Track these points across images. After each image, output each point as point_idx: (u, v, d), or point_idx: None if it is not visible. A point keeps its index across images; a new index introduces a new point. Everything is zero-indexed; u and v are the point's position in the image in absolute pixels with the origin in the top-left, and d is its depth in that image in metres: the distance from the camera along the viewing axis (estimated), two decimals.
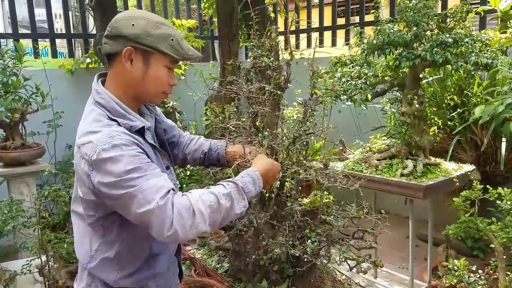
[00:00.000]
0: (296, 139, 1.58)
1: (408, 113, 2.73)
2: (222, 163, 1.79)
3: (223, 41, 4.15)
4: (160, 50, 1.39)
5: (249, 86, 1.72)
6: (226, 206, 1.32)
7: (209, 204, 1.29)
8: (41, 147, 3.71)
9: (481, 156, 3.41)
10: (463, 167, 2.87)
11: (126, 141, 1.32)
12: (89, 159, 1.31)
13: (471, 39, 2.48)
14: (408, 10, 2.67)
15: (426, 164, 2.77)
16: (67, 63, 4.86)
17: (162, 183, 1.29)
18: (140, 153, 1.33)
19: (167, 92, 1.51)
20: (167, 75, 1.46)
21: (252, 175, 1.44)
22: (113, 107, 1.42)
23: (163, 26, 1.41)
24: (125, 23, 1.40)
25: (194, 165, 1.91)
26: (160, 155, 1.54)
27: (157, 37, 1.38)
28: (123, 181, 1.27)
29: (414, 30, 2.56)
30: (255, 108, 1.66)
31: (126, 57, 1.40)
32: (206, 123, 3.93)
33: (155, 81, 1.44)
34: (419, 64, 2.58)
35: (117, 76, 1.44)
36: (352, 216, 1.46)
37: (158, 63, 1.41)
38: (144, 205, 1.25)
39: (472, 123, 3.30)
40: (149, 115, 1.61)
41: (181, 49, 1.42)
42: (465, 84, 3.34)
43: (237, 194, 1.36)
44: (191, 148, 1.84)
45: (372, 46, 2.67)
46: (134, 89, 1.45)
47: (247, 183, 1.41)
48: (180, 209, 1.25)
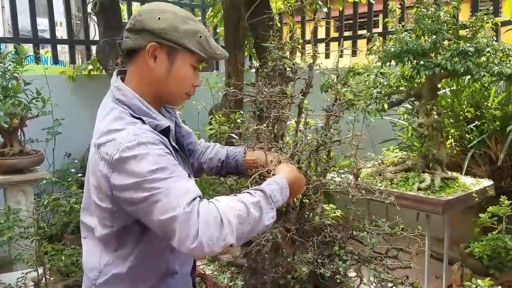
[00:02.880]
0: (320, 147, 1.46)
1: (426, 124, 2.63)
2: (240, 171, 1.66)
3: (230, 50, 4.05)
4: (188, 48, 1.29)
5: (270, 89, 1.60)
6: (255, 216, 1.18)
7: (238, 213, 1.15)
8: (40, 154, 3.57)
9: (496, 171, 3.31)
10: (482, 182, 2.76)
11: (153, 139, 1.21)
12: (110, 159, 1.19)
13: (492, 49, 2.39)
14: (426, 18, 2.58)
15: (444, 178, 2.66)
16: (68, 70, 4.75)
17: (190, 187, 1.16)
18: (167, 153, 1.22)
19: (190, 94, 1.40)
20: (192, 75, 1.35)
21: (280, 183, 1.30)
22: (136, 105, 1.30)
23: (191, 22, 1.31)
24: (150, 16, 1.29)
25: (210, 175, 1.78)
26: (182, 160, 1.42)
27: (185, 33, 1.28)
28: (147, 182, 1.14)
29: (433, 38, 2.47)
30: (276, 113, 1.54)
31: (150, 53, 1.29)
32: (211, 132, 3.80)
33: (179, 81, 1.33)
34: (437, 74, 2.49)
35: (139, 73, 1.34)
36: (386, 232, 1.33)
37: (184, 61, 1.31)
38: (168, 211, 1.11)
39: (487, 137, 3.21)
40: (169, 118, 1.49)
41: (209, 48, 1.32)
42: (480, 96, 3.24)
43: (266, 203, 1.22)
44: (207, 156, 1.71)
45: (389, 54, 2.57)
46: (156, 88, 1.34)
47: (275, 191, 1.27)
48: (207, 218, 1.11)
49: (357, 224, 1.34)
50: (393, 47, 2.55)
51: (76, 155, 4.52)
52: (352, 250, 1.32)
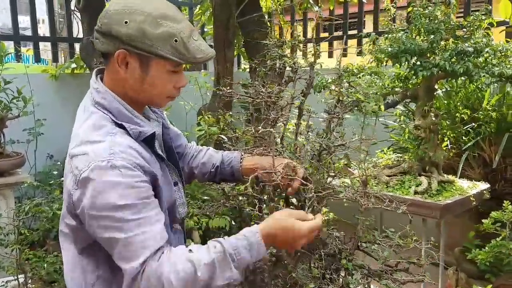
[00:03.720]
0: (322, 152, 1.37)
1: (422, 126, 2.56)
2: (237, 178, 1.54)
3: (219, 48, 3.95)
4: (160, 55, 1.14)
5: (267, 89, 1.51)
6: (204, 278, 1.06)
7: (182, 275, 1.05)
8: (21, 156, 3.42)
9: (490, 174, 3.27)
10: (478, 185, 2.70)
11: (129, 163, 1.08)
12: (78, 174, 1.08)
13: (491, 49, 2.33)
14: (423, 17, 2.51)
15: (440, 181, 2.59)
16: (50, 68, 4.60)
17: (150, 242, 1.06)
18: (141, 183, 1.09)
19: (173, 96, 1.27)
20: (172, 79, 1.22)
21: (250, 238, 1.11)
22: (118, 109, 1.18)
23: (166, 22, 1.14)
24: (117, 19, 1.13)
25: (203, 181, 1.67)
26: (168, 169, 1.31)
27: (157, 39, 1.12)
28: (108, 219, 1.05)
29: (431, 38, 2.40)
30: (275, 114, 1.45)
31: (120, 61, 1.16)
32: (200, 133, 3.70)
33: (156, 88, 1.20)
34: (435, 75, 2.42)
35: (114, 78, 1.21)
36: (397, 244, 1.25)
37: (159, 68, 1.18)
38: (121, 260, 1.07)
39: (481, 139, 3.16)
40: (155, 120, 1.36)
41: (186, 52, 1.16)
42: (474, 98, 3.20)
43: (223, 262, 1.08)
44: (199, 160, 1.58)
45: (386, 54, 2.50)
46: (133, 93, 1.22)
47: (240, 249, 1.09)
48: (150, 278, 1.05)
49: (365, 235, 1.26)
50: (390, 47, 2.48)
51: (59, 157, 4.36)
52: (362, 264, 1.23)
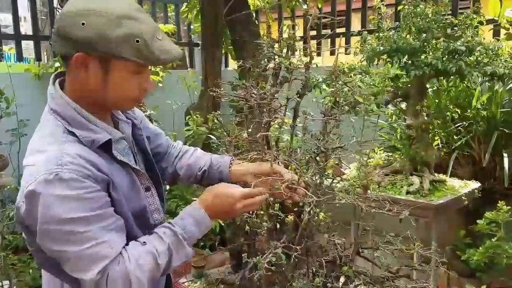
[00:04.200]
0: (319, 155, 1.33)
1: (414, 126, 2.55)
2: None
3: (207, 47, 3.90)
4: (121, 57, 1.09)
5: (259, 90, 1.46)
6: (164, 262, 1.13)
7: (147, 267, 1.10)
8: (4, 158, 3.32)
9: (479, 172, 3.27)
10: (469, 184, 2.70)
11: (77, 174, 1.04)
12: (24, 186, 1.04)
13: (483, 48, 2.33)
14: (415, 16, 2.49)
15: (432, 181, 2.58)
16: (33, 67, 4.48)
17: (108, 250, 1.05)
18: (93, 193, 1.06)
19: (139, 99, 1.21)
20: (136, 81, 1.16)
21: (195, 216, 1.21)
22: (72, 116, 1.13)
23: (126, 22, 1.08)
24: (73, 22, 1.07)
25: (188, 183, 1.62)
26: (137, 174, 1.25)
27: (117, 41, 1.07)
28: (59, 233, 1.02)
29: (423, 37, 2.38)
30: (268, 117, 1.41)
31: (78, 64, 1.09)
32: (188, 133, 3.64)
33: (119, 90, 1.15)
34: (427, 74, 2.41)
35: (74, 81, 1.15)
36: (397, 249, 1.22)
37: (121, 70, 1.12)
38: (79, 272, 1.05)
39: (470, 138, 3.17)
40: (125, 121, 1.31)
41: (150, 53, 1.10)
42: (463, 97, 3.20)
43: (176, 245, 1.16)
44: (185, 162, 1.52)
45: (377, 53, 2.47)
46: (95, 97, 1.16)
47: (188, 226, 1.19)
48: (116, 280, 1.06)
49: (365, 241, 1.23)
50: (381, 45, 2.45)
51: None
52: (366, 272, 1.20)
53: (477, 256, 1.98)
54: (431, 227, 2.74)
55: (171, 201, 3.38)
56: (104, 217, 1.08)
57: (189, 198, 3.48)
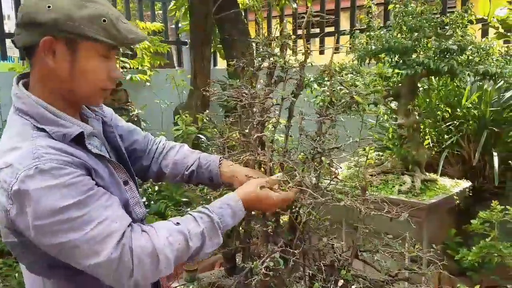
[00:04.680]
0: (316, 156, 1.31)
1: (405, 125, 2.54)
2: (215, 183, 1.44)
3: (196, 46, 3.86)
4: (88, 37, 1.06)
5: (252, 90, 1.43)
6: (196, 247, 1.11)
7: (177, 247, 1.07)
8: None
9: (469, 171, 3.28)
10: (460, 183, 2.71)
11: (57, 163, 1.00)
12: (8, 189, 0.99)
13: (475, 47, 2.33)
14: (406, 14, 2.48)
15: (423, 180, 2.58)
16: (17, 66, 4.39)
17: (113, 224, 1.02)
18: (78, 177, 1.02)
19: (107, 88, 1.18)
20: (105, 66, 1.13)
21: (234, 207, 1.20)
22: (40, 113, 1.09)
23: (91, 4, 1.08)
24: (38, 5, 1.05)
25: (175, 182, 1.58)
26: (114, 167, 1.21)
27: (83, 20, 1.05)
28: (57, 224, 0.98)
29: (415, 36, 2.37)
30: (261, 117, 1.38)
31: (46, 49, 1.06)
32: (177, 133, 3.59)
33: (88, 76, 1.11)
34: (419, 73, 2.40)
35: (40, 75, 1.11)
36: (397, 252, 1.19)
37: (89, 53, 1.09)
38: (92, 257, 1.00)
39: (460, 137, 3.18)
40: (94, 118, 1.27)
41: (117, 32, 1.09)
42: (453, 96, 3.20)
43: (211, 231, 1.14)
44: (171, 159, 1.46)
45: (369, 52, 2.46)
46: (63, 89, 1.12)
47: (225, 216, 1.18)
48: (141, 256, 1.02)
49: (364, 244, 1.21)
50: (373, 44, 2.44)
51: None
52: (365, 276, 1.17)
53: (471, 256, 1.98)
54: (422, 226, 2.74)
55: (160, 202, 3.33)
56: (97, 196, 1.04)
57: (179, 199, 3.44)
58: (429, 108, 3.08)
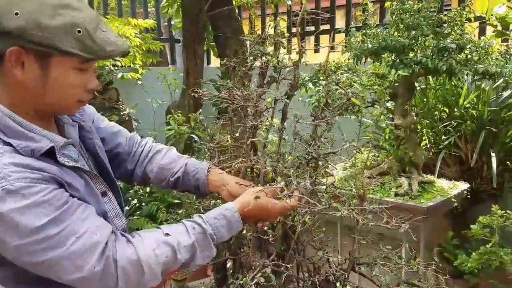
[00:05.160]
0: (311, 161, 1.24)
1: (402, 126, 2.48)
2: (202, 192, 1.37)
3: (189, 44, 3.77)
4: (60, 50, 0.96)
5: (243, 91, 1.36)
6: (185, 259, 1.08)
7: (164, 260, 1.03)
8: None
9: (466, 172, 3.23)
10: (458, 185, 2.65)
11: (25, 182, 0.93)
12: None
13: (473, 45, 2.26)
14: (403, 12, 2.42)
15: (421, 182, 2.52)
16: None
17: (93, 237, 0.97)
18: (50, 193, 0.96)
19: (84, 100, 1.09)
20: (80, 79, 1.04)
21: (230, 218, 1.15)
22: (6, 125, 1.00)
23: (65, 11, 0.97)
24: (5, 11, 0.95)
25: (161, 188, 1.52)
26: (91, 177, 1.13)
27: (55, 30, 0.95)
28: (35, 243, 0.92)
29: (412, 34, 2.31)
30: (254, 120, 1.30)
31: (13, 61, 0.97)
32: (169, 133, 3.51)
33: (61, 90, 1.02)
34: (416, 72, 2.33)
35: (8, 85, 1.02)
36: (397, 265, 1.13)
37: (62, 66, 1.00)
38: (75, 272, 0.95)
39: (457, 137, 3.12)
40: (70, 124, 1.18)
41: (94, 44, 0.99)
42: (450, 96, 3.14)
43: (203, 243, 1.10)
44: (156, 163, 1.39)
45: (365, 51, 2.39)
46: (34, 101, 1.03)
47: (220, 228, 1.13)
48: (126, 266, 0.98)
49: (361, 256, 1.14)
50: (369, 43, 2.37)
51: None
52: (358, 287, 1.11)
53: (471, 263, 1.91)
54: (419, 229, 2.68)
55: (152, 203, 3.25)
56: (73, 208, 0.99)
57: (170, 201, 3.36)
58: (426, 108, 3.01)
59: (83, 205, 1.02)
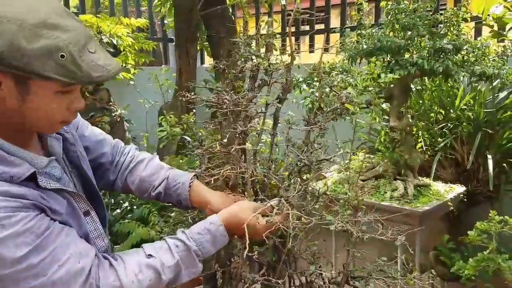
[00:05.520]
0: (303, 168, 1.18)
1: (398, 128, 2.43)
2: (184, 206, 1.33)
3: (181, 43, 3.71)
4: (41, 75, 0.87)
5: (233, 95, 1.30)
6: (170, 278, 1.05)
7: (148, 283, 1.01)
8: None
9: (462, 174, 3.19)
10: (454, 188, 2.61)
11: (5, 211, 0.88)
12: None
13: (470, 46, 2.22)
14: (398, 12, 2.37)
15: (416, 185, 2.48)
16: None
17: (76, 264, 0.94)
18: (31, 221, 0.91)
19: (68, 121, 1.03)
20: (63, 101, 0.97)
21: (214, 232, 1.11)
22: None
23: (47, 31, 0.88)
24: None
25: (142, 199, 1.48)
26: (73, 197, 1.08)
27: (35, 55, 0.86)
28: (18, 273, 0.89)
29: (408, 34, 2.26)
30: (244, 125, 1.25)
31: None
32: (161, 135, 3.45)
33: (42, 113, 0.96)
34: (412, 74, 2.28)
35: None
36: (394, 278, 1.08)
37: (42, 90, 0.93)
38: None
39: (453, 139, 3.08)
40: (53, 137, 1.12)
41: (78, 70, 0.90)
42: (446, 97, 3.10)
43: (187, 260, 1.08)
44: (137, 175, 1.33)
45: (360, 51, 2.34)
46: (12, 123, 0.97)
47: (204, 243, 1.10)
48: None
49: (356, 269, 1.09)
50: (364, 43, 2.32)
51: None
52: None
53: (468, 270, 1.87)
54: (415, 232, 2.64)
55: (143, 206, 3.19)
56: (54, 234, 0.95)
57: (162, 203, 3.30)
58: (422, 110, 2.97)
59: (65, 228, 0.98)
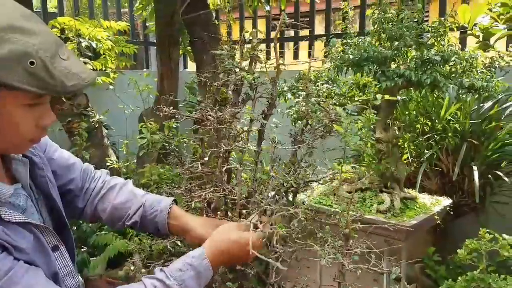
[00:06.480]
0: (290, 190, 1.11)
1: (384, 140, 2.38)
2: (163, 233, 1.23)
3: (162, 47, 3.61)
4: (7, 84, 0.78)
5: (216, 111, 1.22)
6: None
7: None
8: None
9: (447, 185, 3.16)
10: (441, 201, 2.57)
11: None
12: None
13: (458, 58, 2.18)
14: (385, 21, 2.32)
15: (403, 198, 2.43)
16: None
17: None
18: None
19: (37, 139, 0.94)
20: (31, 116, 0.87)
21: (197, 267, 1.01)
22: None
23: (16, 37, 0.79)
24: None
25: (114, 228, 1.38)
26: (41, 231, 0.98)
27: (2, 61, 0.77)
28: None
29: (395, 44, 2.21)
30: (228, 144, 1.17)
31: None
32: (142, 142, 3.34)
33: (8, 129, 0.86)
34: (398, 85, 2.23)
35: None
36: None
37: (10, 102, 0.83)
38: None
39: (439, 150, 3.05)
40: (19, 161, 1.01)
41: (50, 79, 0.81)
42: (431, 108, 3.07)
43: None
44: (109, 202, 1.23)
45: (346, 61, 2.28)
46: None
47: (187, 280, 0.99)
48: None
49: None
50: (350, 53, 2.27)
51: None
52: None
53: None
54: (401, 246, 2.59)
55: None
56: (18, 276, 0.85)
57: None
58: (408, 121, 2.93)
59: (30, 269, 0.88)
